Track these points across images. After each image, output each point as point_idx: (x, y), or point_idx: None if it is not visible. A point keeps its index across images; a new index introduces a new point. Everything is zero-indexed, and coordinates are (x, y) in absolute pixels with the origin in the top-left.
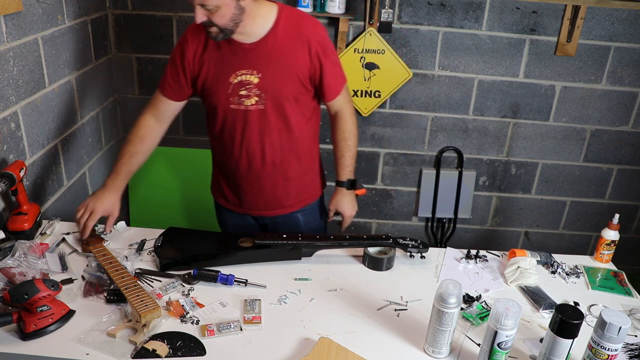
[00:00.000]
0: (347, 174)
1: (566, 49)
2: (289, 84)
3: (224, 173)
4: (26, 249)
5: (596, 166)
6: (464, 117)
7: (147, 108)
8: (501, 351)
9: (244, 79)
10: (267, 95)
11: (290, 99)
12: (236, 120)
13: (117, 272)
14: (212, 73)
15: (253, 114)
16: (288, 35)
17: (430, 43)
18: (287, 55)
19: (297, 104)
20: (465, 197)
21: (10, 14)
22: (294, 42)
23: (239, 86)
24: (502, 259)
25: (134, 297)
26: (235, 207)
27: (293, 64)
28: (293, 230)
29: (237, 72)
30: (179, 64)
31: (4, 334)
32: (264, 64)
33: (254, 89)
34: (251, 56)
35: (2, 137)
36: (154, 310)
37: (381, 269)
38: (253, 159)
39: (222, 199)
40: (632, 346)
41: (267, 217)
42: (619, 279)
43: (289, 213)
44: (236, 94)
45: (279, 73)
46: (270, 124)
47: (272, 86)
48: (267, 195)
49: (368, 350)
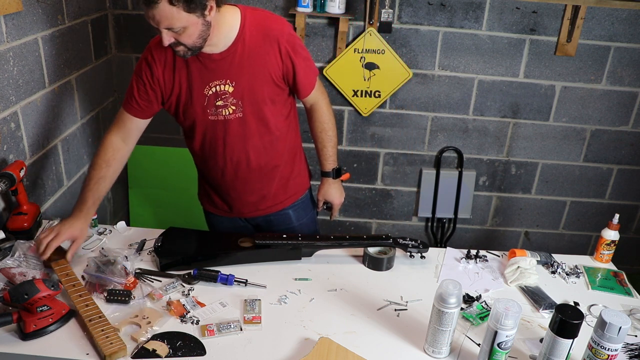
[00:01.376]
0: (331, 163)
1: (566, 49)
2: (264, 88)
3: (211, 183)
4: (26, 249)
5: (596, 166)
6: (464, 117)
7: (112, 128)
8: (501, 351)
9: (219, 89)
10: (244, 103)
11: (267, 102)
12: (216, 131)
13: (81, 297)
14: (184, 88)
15: (232, 123)
16: (255, 38)
17: (430, 43)
18: (258, 59)
19: (274, 105)
20: (465, 197)
21: (10, 14)
22: (262, 44)
23: (214, 97)
24: (502, 259)
25: (99, 331)
26: (225, 212)
27: (265, 67)
28: (286, 226)
29: (210, 83)
30: (147, 82)
31: (4, 334)
32: (236, 71)
33: (230, 98)
34: (222, 66)
35: (2, 137)
36: (119, 350)
37: (381, 269)
38: (239, 166)
39: (211, 206)
40: (632, 346)
41: (259, 217)
42: (619, 279)
43: (280, 210)
44: (212, 105)
45: (252, 78)
46: (251, 130)
47: (248, 93)
48: (256, 197)
49: (368, 350)
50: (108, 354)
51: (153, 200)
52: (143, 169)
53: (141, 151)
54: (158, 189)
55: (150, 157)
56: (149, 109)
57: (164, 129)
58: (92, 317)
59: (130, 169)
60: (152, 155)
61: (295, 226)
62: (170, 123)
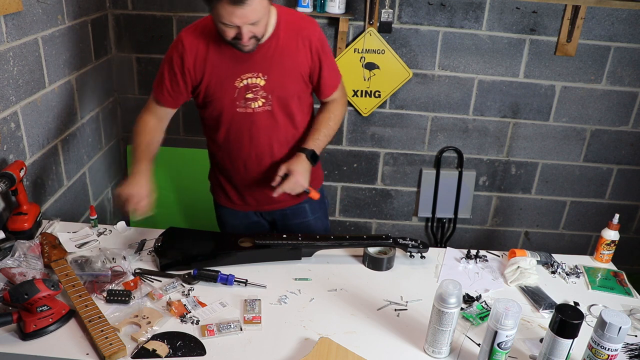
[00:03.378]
0: (312, 146)
1: (566, 49)
2: (294, 84)
3: (229, 175)
4: (26, 249)
5: (596, 166)
6: (464, 117)
7: (145, 111)
8: (501, 351)
9: (250, 82)
10: (274, 97)
11: (295, 97)
12: (243, 123)
13: (80, 298)
14: (215, 79)
15: (260, 116)
16: (289, 35)
17: (430, 43)
18: (290, 56)
19: (300, 101)
20: (465, 197)
21: (10, 14)
22: (295, 42)
23: (245, 89)
24: (502, 259)
25: (98, 332)
26: (240, 206)
27: (296, 64)
28: (301, 219)
29: (242, 76)
30: (178, 72)
31: (4, 334)
32: (268, 66)
33: (261, 91)
34: (256, 59)
35: (2, 137)
36: (118, 351)
37: (381, 269)
38: (262, 159)
39: (226, 200)
40: (632, 346)
41: (275, 211)
42: (619, 279)
43: (297, 204)
44: (242, 98)
45: (284, 74)
46: (278, 124)
47: (278, 87)
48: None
49: (368, 350)
50: (107, 355)
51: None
52: None
53: None
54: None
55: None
56: (179, 98)
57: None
58: (92, 318)
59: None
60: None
61: (310, 220)
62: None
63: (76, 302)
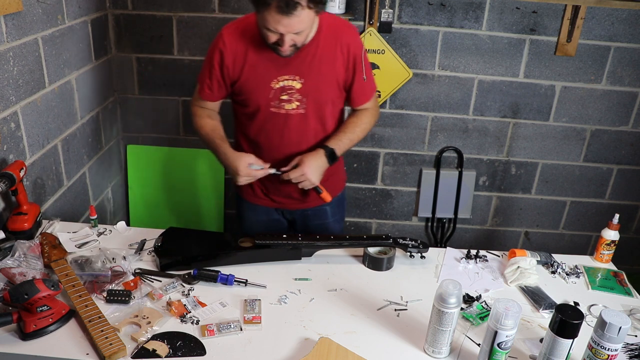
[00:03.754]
0: (335, 144)
1: (566, 49)
2: (330, 89)
3: None
4: (26, 249)
5: (596, 166)
6: (464, 117)
7: (195, 109)
8: (501, 351)
9: (286, 84)
10: (309, 100)
11: (329, 103)
12: (275, 123)
13: (80, 298)
14: (252, 78)
15: (293, 118)
16: (329, 41)
17: (430, 43)
18: (328, 62)
19: (332, 106)
20: (465, 197)
21: (10, 14)
22: (334, 48)
23: (280, 91)
24: (502, 259)
25: (98, 332)
26: (263, 201)
27: (333, 70)
28: (321, 221)
29: (279, 77)
30: (217, 68)
31: (4, 334)
32: (306, 70)
33: (296, 94)
34: (294, 62)
35: (2, 137)
36: (118, 351)
37: (381, 269)
38: (290, 159)
39: (252, 195)
40: (632, 346)
41: (297, 211)
42: (619, 279)
43: (320, 205)
44: (277, 98)
45: (320, 79)
46: (309, 127)
47: (314, 91)
48: (302, 191)
49: (368, 350)
50: (107, 355)
51: (153, 200)
52: (143, 169)
53: (141, 151)
54: (158, 189)
55: (150, 157)
56: (221, 92)
57: (164, 128)
58: (92, 318)
59: (130, 169)
60: (152, 155)
61: (329, 222)
62: (170, 123)
63: (76, 302)
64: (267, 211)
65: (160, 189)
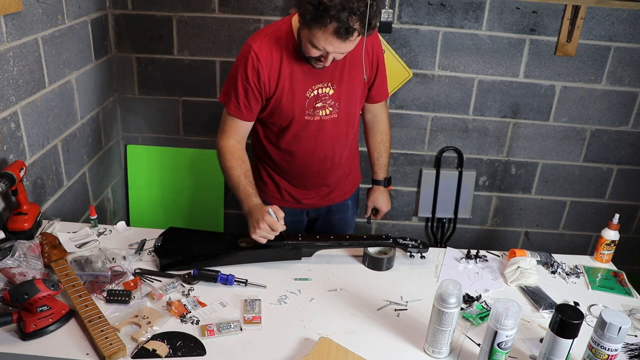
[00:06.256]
0: (384, 173)
1: (566, 49)
2: (358, 90)
3: (285, 177)
4: (26, 249)
5: (596, 166)
6: (464, 117)
7: (225, 136)
8: (501, 351)
9: (320, 92)
10: (341, 104)
11: (357, 102)
12: (309, 130)
13: (80, 298)
14: (287, 91)
15: (327, 123)
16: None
17: (430, 43)
18: (358, 65)
19: (360, 106)
20: (465, 197)
21: (10, 14)
22: (360, 48)
23: (314, 99)
24: (502, 259)
25: (98, 332)
26: (289, 204)
27: (361, 72)
28: (343, 214)
29: (313, 86)
30: (254, 87)
31: (4, 334)
32: (339, 76)
33: (329, 100)
34: (327, 70)
35: (2, 137)
36: (118, 351)
37: (381, 269)
38: (324, 163)
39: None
40: (632, 346)
41: (323, 208)
42: (619, 279)
43: (343, 200)
44: (311, 107)
45: (350, 81)
46: (341, 129)
47: (345, 94)
48: (329, 189)
49: (368, 350)
50: (107, 355)
51: (153, 200)
52: (143, 169)
53: (141, 151)
54: (158, 189)
55: (150, 157)
56: (257, 109)
57: (164, 129)
58: (92, 318)
59: (130, 169)
60: (152, 155)
61: (349, 215)
62: (170, 123)
63: (76, 302)
64: (292, 213)
65: (160, 189)
